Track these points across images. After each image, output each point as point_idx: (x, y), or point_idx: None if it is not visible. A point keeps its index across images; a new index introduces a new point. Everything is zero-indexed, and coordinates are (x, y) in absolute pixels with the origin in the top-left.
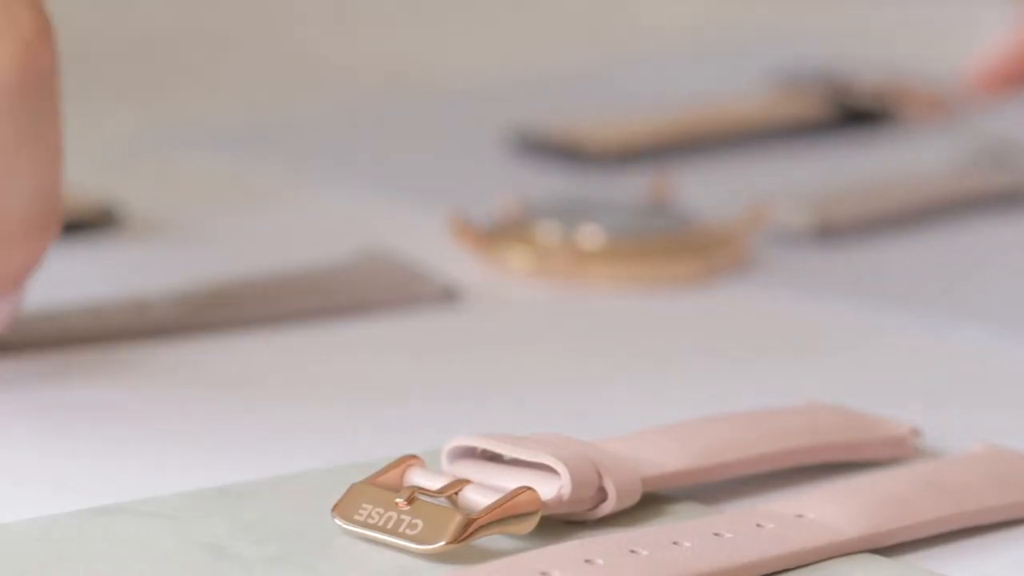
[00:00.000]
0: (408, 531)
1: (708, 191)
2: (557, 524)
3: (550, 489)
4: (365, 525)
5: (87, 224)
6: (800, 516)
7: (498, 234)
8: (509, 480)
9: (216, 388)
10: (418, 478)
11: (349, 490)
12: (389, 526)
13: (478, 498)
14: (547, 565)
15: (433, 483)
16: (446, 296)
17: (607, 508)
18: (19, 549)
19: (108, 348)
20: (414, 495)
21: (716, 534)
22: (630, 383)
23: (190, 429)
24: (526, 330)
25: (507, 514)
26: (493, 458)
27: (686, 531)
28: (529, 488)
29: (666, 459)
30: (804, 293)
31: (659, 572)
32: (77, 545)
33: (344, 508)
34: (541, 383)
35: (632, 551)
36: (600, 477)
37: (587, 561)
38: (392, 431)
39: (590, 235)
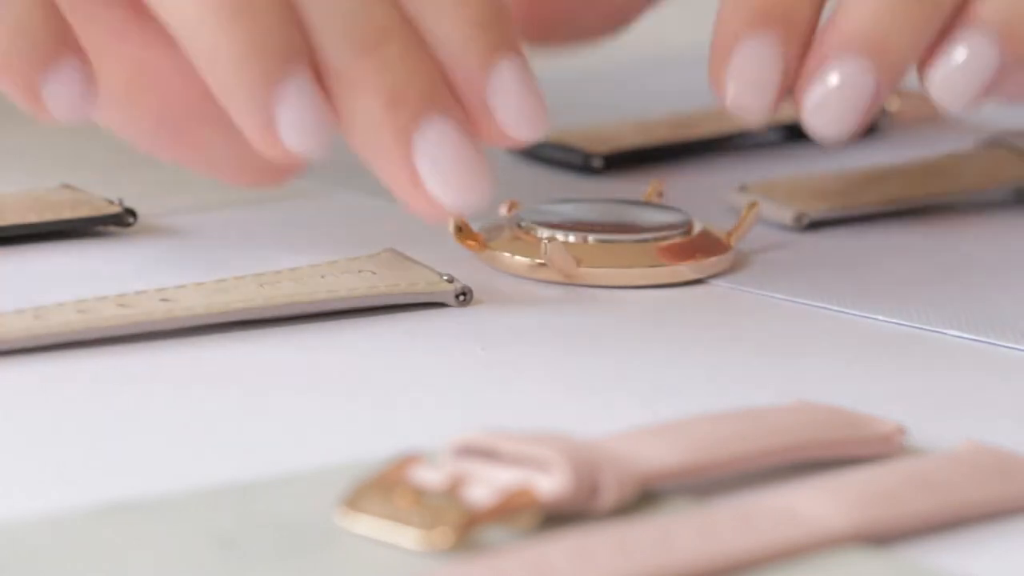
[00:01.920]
0: (411, 528)
1: (704, 192)
2: (555, 519)
3: (550, 485)
4: (369, 522)
5: (105, 222)
6: (791, 510)
7: (496, 235)
8: (510, 477)
9: (222, 384)
10: (420, 475)
11: (353, 487)
12: (392, 523)
13: (479, 495)
14: (545, 558)
15: (435, 480)
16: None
17: (605, 504)
18: (26, 547)
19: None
20: (417, 492)
21: (710, 529)
22: (626, 382)
23: (196, 425)
24: (524, 330)
25: (508, 511)
26: (494, 455)
27: (680, 526)
28: (529, 485)
29: (662, 457)
30: (794, 292)
31: (654, 566)
32: (83, 541)
33: (349, 505)
34: (540, 382)
35: (628, 545)
36: (598, 474)
37: (584, 555)
38: (394, 429)
39: (587, 236)
